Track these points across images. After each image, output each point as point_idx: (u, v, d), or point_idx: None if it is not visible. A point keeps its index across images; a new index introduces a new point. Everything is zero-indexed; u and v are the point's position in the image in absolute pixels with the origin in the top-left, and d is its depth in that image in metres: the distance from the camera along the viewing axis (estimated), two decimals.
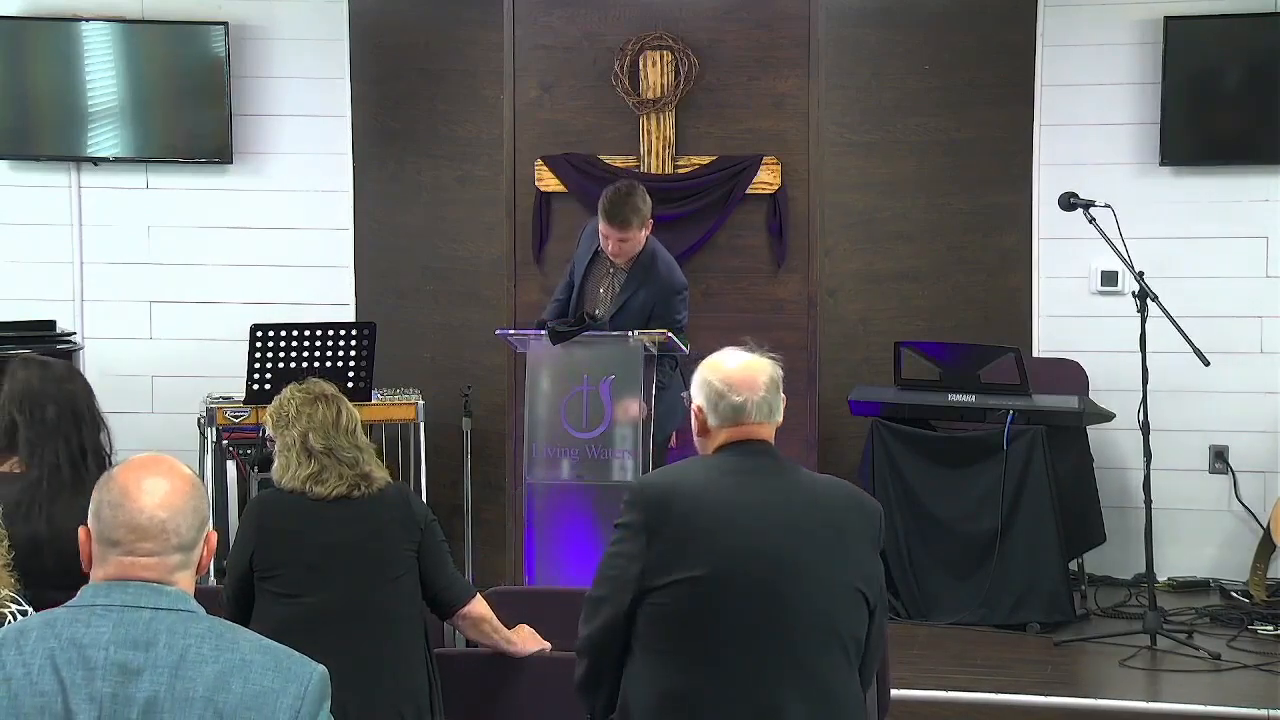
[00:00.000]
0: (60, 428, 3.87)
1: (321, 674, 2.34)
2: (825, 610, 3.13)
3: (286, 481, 4.01)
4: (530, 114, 6.77)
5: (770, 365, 3.33)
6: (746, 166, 6.64)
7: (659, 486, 3.26)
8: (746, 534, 3.14)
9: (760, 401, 3.27)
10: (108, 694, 2.23)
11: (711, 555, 3.12)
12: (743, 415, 3.26)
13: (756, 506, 3.18)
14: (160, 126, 7.44)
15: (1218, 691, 5.46)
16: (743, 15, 6.70)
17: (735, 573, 3.11)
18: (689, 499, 3.18)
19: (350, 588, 3.92)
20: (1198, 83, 7.04)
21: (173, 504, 2.34)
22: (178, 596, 2.32)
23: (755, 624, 3.10)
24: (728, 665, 3.10)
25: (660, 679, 3.14)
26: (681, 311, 6.03)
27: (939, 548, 6.44)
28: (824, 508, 3.22)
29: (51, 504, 3.79)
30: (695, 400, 3.32)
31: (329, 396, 4.10)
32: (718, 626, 3.11)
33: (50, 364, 4.03)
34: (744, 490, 3.20)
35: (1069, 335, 7.11)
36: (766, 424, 3.29)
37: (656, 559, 3.14)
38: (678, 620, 3.13)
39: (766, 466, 3.26)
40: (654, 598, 3.14)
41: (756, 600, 3.10)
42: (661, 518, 3.16)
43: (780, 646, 3.10)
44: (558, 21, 6.76)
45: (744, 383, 3.27)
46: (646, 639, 3.17)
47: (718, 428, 3.28)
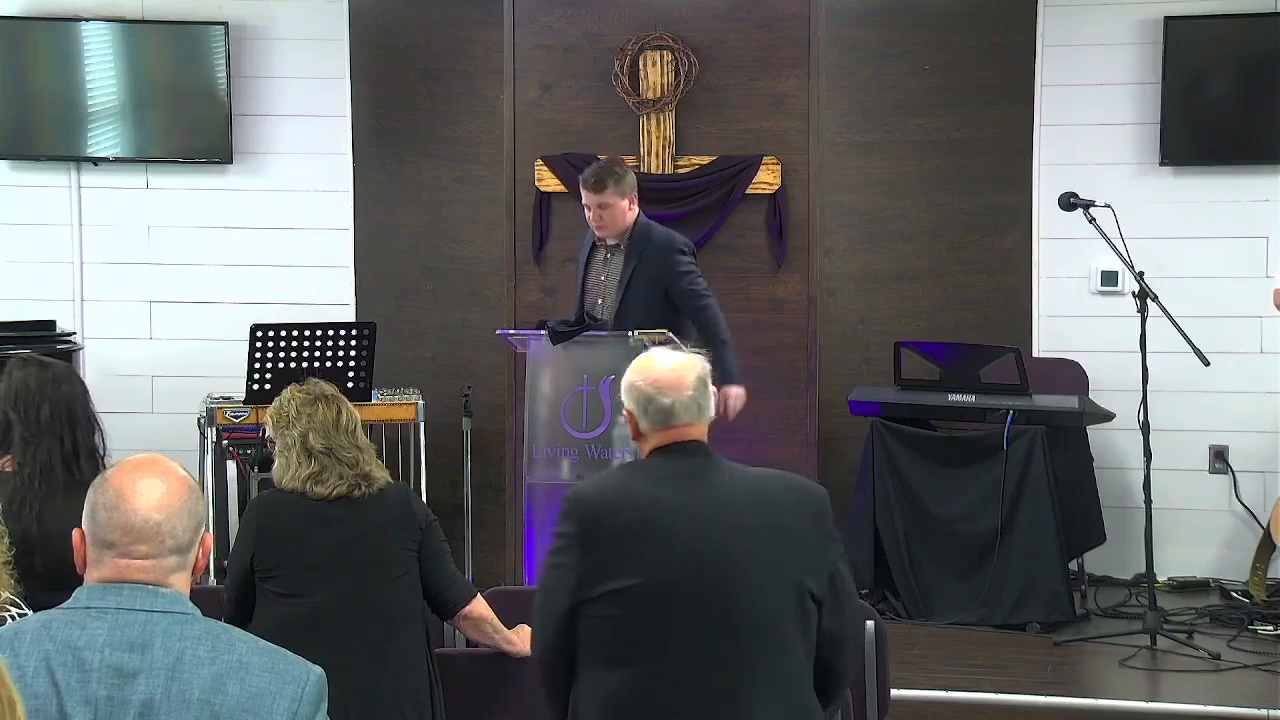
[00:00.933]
0: (54, 428, 3.88)
1: (319, 676, 2.33)
2: (772, 609, 3.10)
3: (287, 482, 4.01)
4: (530, 114, 6.77)
5: (698, 363, 3.31)
6: (746, 166, 6.64)
7: (592, 495, 3.24)
8: (682, 539, 3.11)
9: (688, 401, 3.24)
10: (103, 697, 2.22)
11: (646, 563, 3.10)
12: (672, 417, 3.23)
13: (690, 510, 3.14)
14: (160, 126, 7.45)
15: (1218, 691, 5.46)
16: (743, 15, 6.70)
17: (672, 579, 3.09)
18: (625, 507, 3.17)
19: (351, 588, 3.92)
20: (1198, 83, 7.04)
21: (168, 506, 2.33)
22: (173, 599, 2.32)
23: (696, 629, 3.08)
24: (671, 672, 3.08)
25: (603, 688, 3.13)
26: (689, 269, 5.94)
27: (939, 548, 6.43)
28: (761, 504, 3.18)
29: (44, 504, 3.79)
30: (625, 405, 3.29)
31: (329, 397, 4.10)
32: (662, 634, 3.09)
33: (48, 364, 4.03)
34: (677, 494, 3.17)
35: (1069, 335, 7.11)
36: (697, 423, 3.26)
37: (591, 569, 3.13)
38: (620, 630, 3.11)
39: (700, 468, 3.22)
40: (591, 608, 3.13)
41: (696, 605, 3.08)
42: (594, 527, 3.15)
43: (723, 650, 3.07)
44: (558, 21, 6.76)
45: (671, 384, 3.24)
46: (587, 649, 3.16)
47: (649, 430, 3.26)
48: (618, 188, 5.92)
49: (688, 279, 5.93)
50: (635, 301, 5.92)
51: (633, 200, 5.99)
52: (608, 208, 5.92)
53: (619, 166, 6.02)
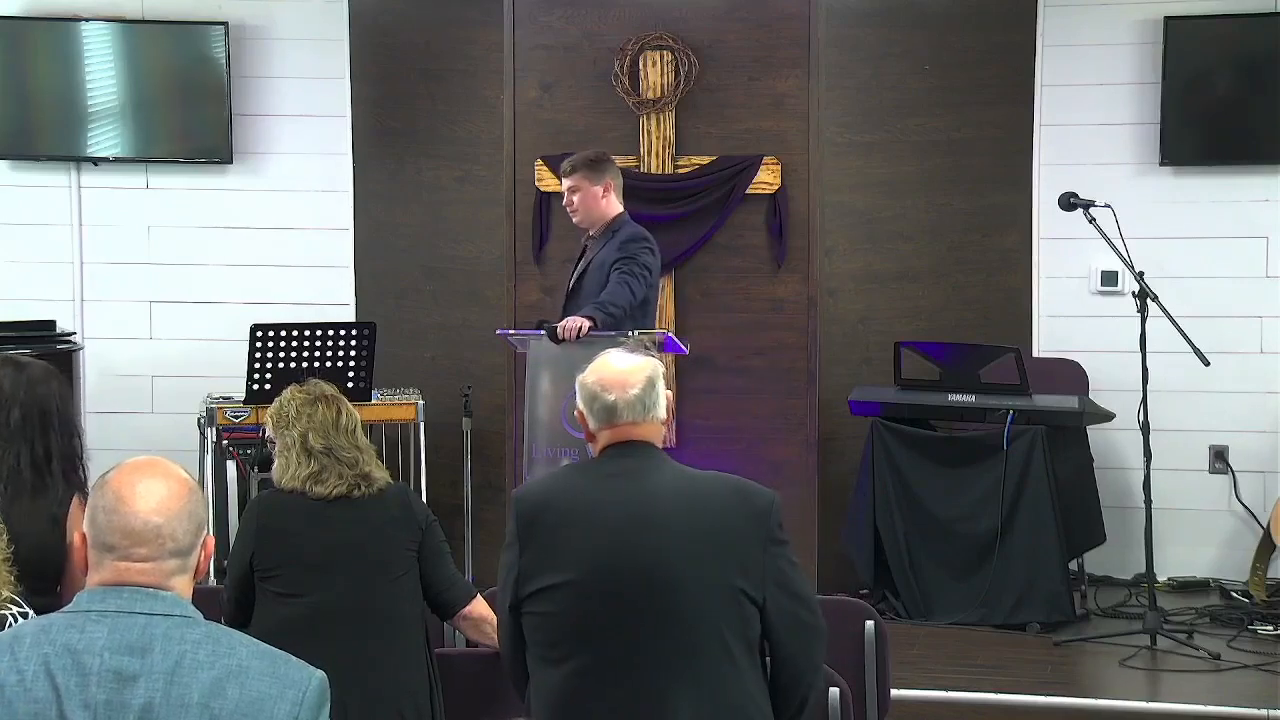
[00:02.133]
0: (25, 431, 3.82)
1: (320, 679, 2.32)
2: (704, 609, 3.10)
3: (286, 482, 4.01)
4: (530, 114, 6.77)
5: (649, 364, 3.33)
6: (746, 166, 6.64)
7: (531, 494, 3.29)
8: (616, 537, 3.12)
9: (633, 400, 3.24)
10: (102, 700, 2.21)
11: (581, 560, 3.12)
12: (615, 415, 3.24)
13: (628, 509, 3.16)
14: (160, 126, 7.45)
15: (1218, 691, 5.46)
16: (743, 15, 6.70)
17: (603, 577, 3.11)
18: (560, 505, 3.20)
19: (350, 588, 3.92)
20: (1198, 83, 7.04)
21: (168, 509, 2.33)
22: (173, 601, 2.31)
23: (628, 627, 3.09)
24: (607, 668, 3.10)
25: (549, 683, 3.17)
26: (632, 253, 5.87)
27: (939, 548, 6.43)
28: (703, 507, 3.18)
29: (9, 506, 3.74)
30: (577, 405, 3.32)
31: (329, 397, 4.11)
32: (590, 631, 3.11)
33: (26, 365, 3.96)
34: (616, 493, 3.19)
35: (1069, 335, 7.11)
36: (643, 423, 3.26)
37: (528, 566, 3.17)
38: (555, 626, 3.15)
39: (641, 468, 3.23)
40: (530, 605, 3.17)
41: (630, 603, 3.09)
42: (531, 525, 3.19)
43: (657, 648, 3.08)
44: (558, 21, 6.76)
45: (615, 383, 3.26)
46: (532, 645, 3.20)
47: (597, 429, 3.28)
48: (588, 175, 5.93)
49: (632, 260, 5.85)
50: (589, 289, 5.92)
51: (608, 189, 5.97)
52: (577, 192, 5.95)
53: (598, 156, 6.03)
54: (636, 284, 5.83)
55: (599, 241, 5.98)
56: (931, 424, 6.68)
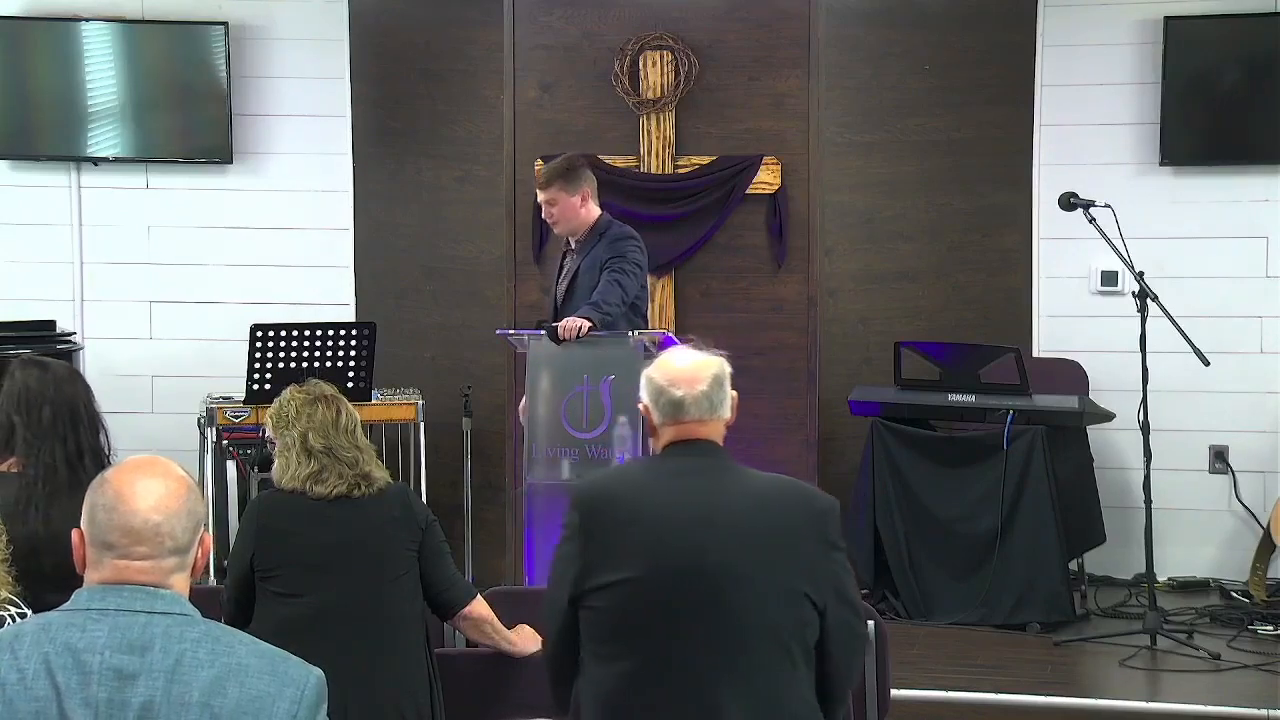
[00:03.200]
0: (57, 429, 3.87)
1: (319, 678, 2.32)
2: (763, 611, 3.09)
3: (286, 481, 4.01)
4: (530, 114, 6.77)
5: (717, 362, 3.31)
6: (746, 166, 6.64)
7: (596, 488, 3.27)
8: (681, 536, 3.11)
9: (700, 396, 3.23)
10: (103, 699, 2.21)
11: (644, 557, 3.11)
12: (682, 411, 3.23)
13: (692, 508, 3.15)
14: (160, 126, 7.45)
15: (1218, 691, 5.45)
16: (743, 15, 6.70)
17: (669, 574, 3.09)
18: (625, 501, 3.18)
19: (350, 587, 3.92)
20: (1198, 83, 7.04)
21: (167, 507, 2.33)
22: (173, 600, 2.31)
23: (691, 626, 3.08)
24: (665, 667, 3.09)
25: (602, 681, 3.15)
26: (622, 252, 5.88)
27: (939, 548, 6.43)
28: (765, 509, 3.17)
29: (49, 505, 3.79)
30: (642, 399, 3.30)
31: (329, 397, 4.11)
32: (653, 628, 3.09)
33: (50, 366, 4.03)
34: (681, 491, 3.18)
35: (1069, 335, 7.11)
36: (709, 421, 3.25)
37: (591, 561, 3.15)
38: (614, 623, 3.13)
39: (707, 467, 3.22)
40: (590, 600, 3.14)
41: (691, 602, 3.08)
42: (596, 520, 3.17)
43: (717, 648, 3.07)
44: (558, 21, 6.76)
45: (684, 378, 3.25)
46: (588, 641, 3.18)
47: (661, 425, 3.26)
48: (564, 186, 5.91)
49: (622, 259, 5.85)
50: (582, 292, 5.92)
51: (586, 198, 5.97)
52: (555, 204, 5.93)
53: (570, 164, 5.98)
54: (628, 281, 5.84)
55: (585, 245, 5.97)
56: (931, 424, 6.68)
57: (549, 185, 5.93)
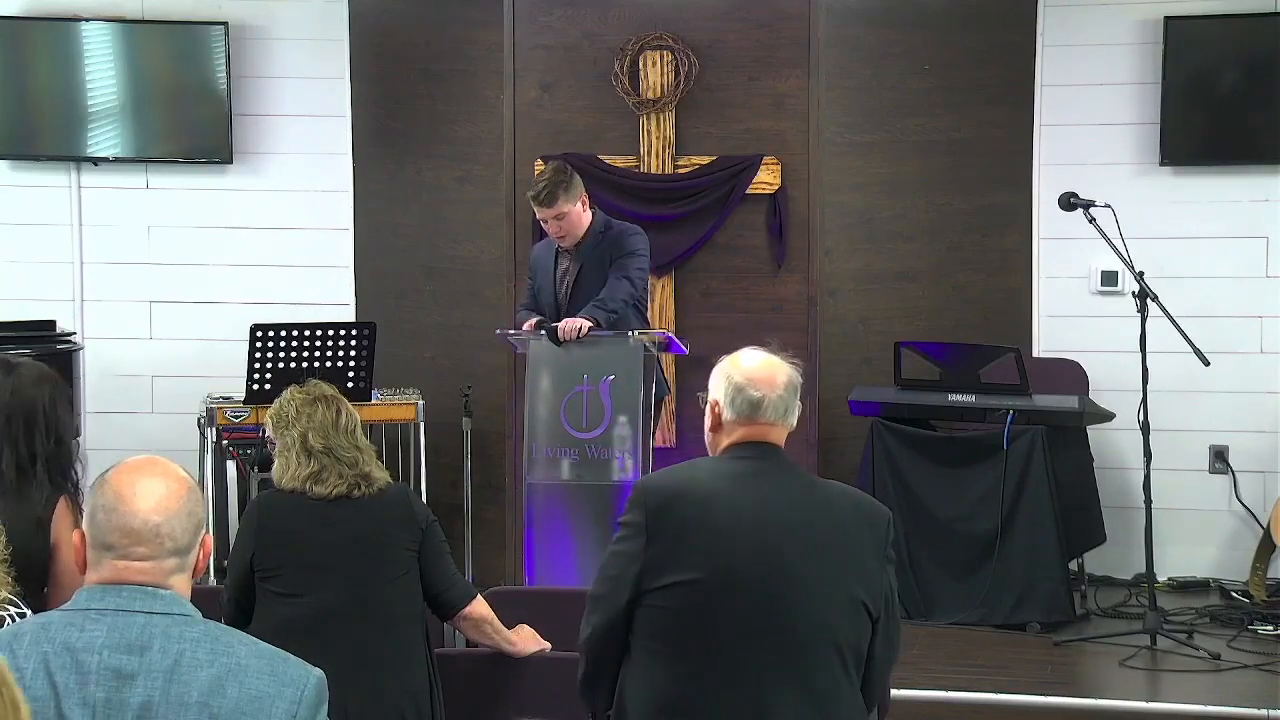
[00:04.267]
0: (9, 432, 3.79)
1: (318, 678, 2.32)
2: (824, 618, 3.10)
3: (286, 482, 4.01)
4: (530, 114, 6.77)
5: (790, 368, 3.32)
6: (746, 166, 6.64)
7: (663, 486, 3.24)
8: (747, 538, 3.11)
9: (777, 400, 3.25)
10: (101, 699, 2.22)
11: (710, 558, 3.10)
12: (759, 412, 3.24)
13: (759, 511, 3.15)
14: (160, 126, 7.45)
15: (1218, 691, 5.45)
16: (743, 15, 6.70)
17: (733, 577, 3.09)
18: (692, 501, 3.16)
19: (350, 587, 3.92)
20: (1198, 83, 7.04)
21: (167, 508, 2.33)
22: (172, 600, 2.31)
23: (752, 629, 3.08)
24: (723, 669, 3.08)
25: (656, 680, 3.13)
26: (631, 249, 5.89)
27: (939, 548, 6.43)
28: (829, 515, 3.18)
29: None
30: (712, 395, 3.30)
31: (329, 398, 4.11)
32: (714, 630, 3.09)
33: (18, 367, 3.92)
34: (747, 493, 3.17)
35: (1069, 335, 7.11)
36: (779, 425, 3.26)
37: (655, 560, 3.12)
38: (675, 622, 3.11)
39: (773, 470, 3.23)
40: (651, 599, 3.12)
41: (754, 605, 3.08)
42: (662, 518, 3.14)
43: (776, 652, 3.08)
44: (558, 21, 6.76)
45: (764, 379, 3.26)
46: (643, 639, 3.15)
47: (732, 423, 3.26)
48: (568, 196, 5.90)
49: (633, 258, 5.87)
50: (588, 291, 5.91)
51: (585, 202, 5.97)
52: (564, 217, 5.92)
53: (563, 174, 5.97)
54: (637, 277, 5.85)
55: (584, 245, 5.97)
56: (931, 424, 6.68)
57: (554, 201, 5.88)
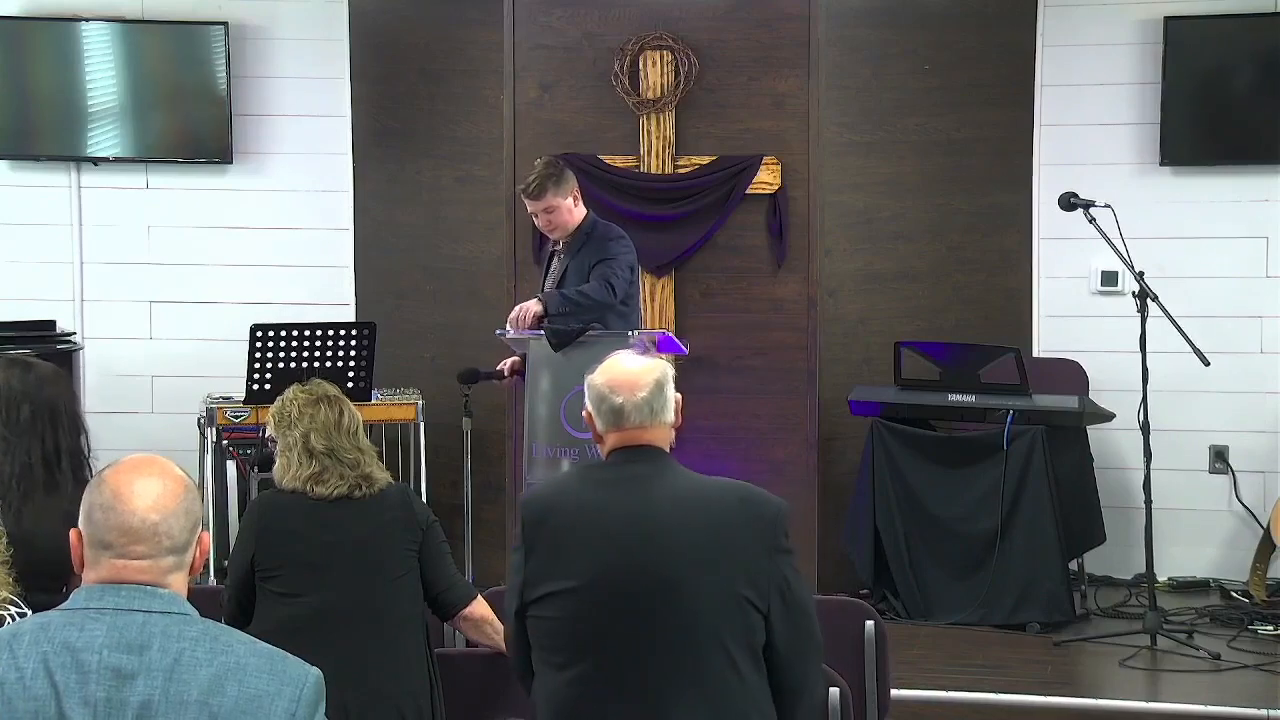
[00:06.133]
0: (35, 428, 3.85)
1: (317, 677, 2.32)
2: (705, 618, 3.08)
3: (288, 482, 4.01)
4: (530, 114, 6.77)
5: (658, 366, 3.30)
6: (746, 166, 6.64)
7: (538, 498, 3.29)
8: (620, 544, 3.11)
9: (640, 403, 3.22)
10: (101, 698, 2.21)
11: (585, 567, 3.11)
12: (622, 418, 3.22)
13: (632, 515, 3.14)
14: (160, 126, 7.45)
15: (1218, 691, 5.46)
16: (743, 15, 6.70)
17: (608, 584, 3.09)
18: (565, 510, 3.19)
19: (351, 588, 3.92)
20: (1198, 83, 7.04)
21: (165, 506, 2.33)
22: (171, 599, 2.31)
23: (634, 634, 3.08)
24: (611, 675, 3.10)
25: (554, 689, 3.16)
26: (613, 254, 5.87)
27: (939, 548, 6.43)
28: (707, 514, 3.15)
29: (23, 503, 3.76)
30: (585, 406, 3.30)
31: (331, 398, 4.11)
32: (597, 637, 3.10)
33: (33, 366, 3.99)
34: (619, 498, 3.17)
35: (1069, 335, 7.11)
36: (651, 427, 3.23)
37: (534, 572, 3.17)
38: (558, 631, 3.14)
39: (648, 473, 3.21)
40: (534, 609, 3.16)
41: (632, 610, 3.08)
42: (537, 531, 3.19)
43: (662, 655, 3.07)
44: (558, 21, 6.76)
45: (624, 384, 3.23)
46: (536, 649, 3.20)
47: (604, 432, 3.26)
48: (558, 190, 5.89)
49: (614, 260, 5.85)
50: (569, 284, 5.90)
51: (576, 198, 5.96)
52: (554, 210, 5.90)
53: (554, 168, 5.97)
54: (618, 282, 5.84)
55: (573, 244, 5.96)
56: (931, 424, 6.68)
57: (542, 194, 5.88)
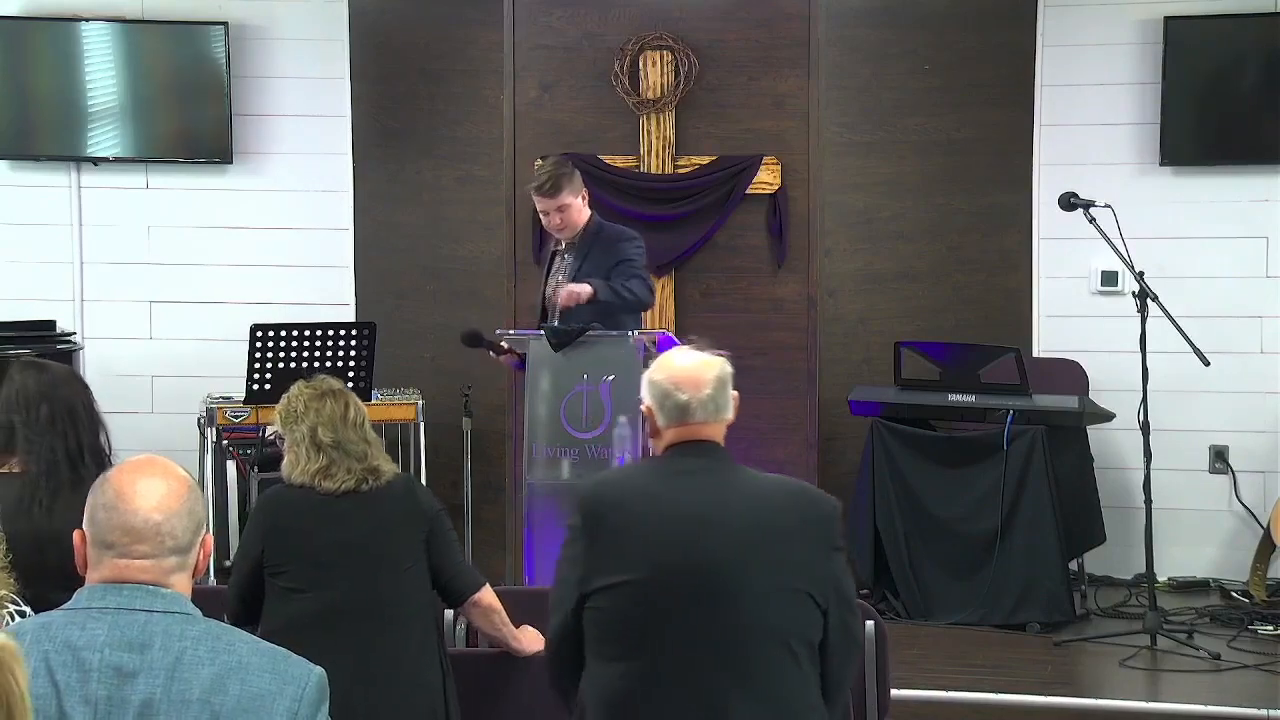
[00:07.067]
0: (56, 426, 3.89)
1: (319, 676, 2.32)
2: (766, 613, 3.10)
3: (296, 476, 4.01)
4: (530, 114, 6.77)
5: (719, 363, 3.31)
6: (746, 166, 6.64)
7: (600, 490, 3.28)
8: (683, 537, 3.12)
9: (706, 400, 3.24)
10: (103, 697, 2.22)
11: (647, 559, 3.12)
12: (688, 414, 3.23)
13: (694, 509, 3.16)
14: (160, 126, 7.45)
15: (1218, 691, 5.46)
16: (743, 15, 6.70)
17: (671, 576, 3.10)
18: (628, 503, 3.19)
19: (359, 582, 3.92)
20: (1198, 83, 7.04)
21: (168, 507, 2.33)
22: (173, 599, 2.31)
23: (694, 627, 3.09)
24: (668, 668, 3.09)
25: (606, 682, 3.16)
26: (633, 255, 5.88)
27: (939, 548, 6.43)
28: (767, 509, 3.18)
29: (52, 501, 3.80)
30: (645, 400, 3.30)
31: (337, 392, 4.12)
32: (656, 630, 3.10)
33: (50, 367, 4.05)
34: (683, 493, 3.18)
35: (1069, 335, 7.11)
36: (713, 423, 3.26)
37: (595, 563, 3.16)
38: (617, 623, 3.14)
39: (709, 468, 3.23)
40: (593, 601, 3.15)
41: (693, 604, 3.09)
42: (599, 522, 3.18)
43: (720, 649, 3.08)
44: (558, 21, 6.76)
45: (689, 381, 3.25)
46: (591, 642, 3.19)
47: (665, 427, 3.27)
48: (571, 188, 5.88)
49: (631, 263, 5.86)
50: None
51: (585, 197, 5.97)
52: (566, 209, 5.89)
53: (565, 166, 5.97)
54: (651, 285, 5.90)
55: (581, 245, 5.95)
56: (931, 424, 6.67)
57: (558, 192, 5.85)
